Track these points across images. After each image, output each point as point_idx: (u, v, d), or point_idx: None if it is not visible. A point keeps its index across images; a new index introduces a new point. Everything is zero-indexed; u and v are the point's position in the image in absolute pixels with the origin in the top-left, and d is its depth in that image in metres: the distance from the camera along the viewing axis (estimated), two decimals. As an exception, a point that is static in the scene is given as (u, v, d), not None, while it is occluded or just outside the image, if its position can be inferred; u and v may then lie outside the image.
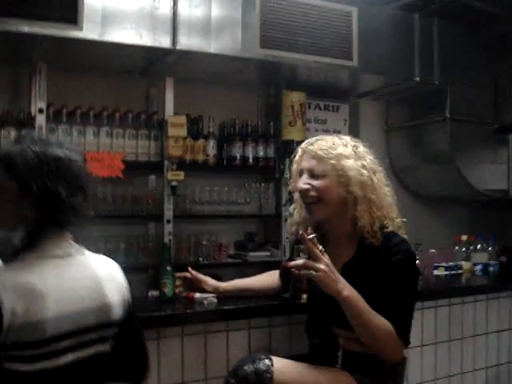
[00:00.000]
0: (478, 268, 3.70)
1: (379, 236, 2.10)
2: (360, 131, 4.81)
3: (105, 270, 1.69)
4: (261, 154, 4.25)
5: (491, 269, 3.73)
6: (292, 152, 4.07)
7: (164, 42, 3.43)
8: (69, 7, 3.20)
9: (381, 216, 2.11)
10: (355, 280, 2.01)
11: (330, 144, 2.18)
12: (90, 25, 3.25)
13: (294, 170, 2.30)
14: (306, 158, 2.20)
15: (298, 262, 1.97)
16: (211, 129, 4.17)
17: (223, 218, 4.30)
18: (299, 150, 2.27)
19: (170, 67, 3.80)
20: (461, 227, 4.56)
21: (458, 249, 3.81)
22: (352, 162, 2.12)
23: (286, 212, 4.28)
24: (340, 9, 3.93)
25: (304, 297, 2.10)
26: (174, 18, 3.46)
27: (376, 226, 2.10)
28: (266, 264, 4.19)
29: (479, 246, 3.83)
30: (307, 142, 2.28)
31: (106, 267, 1.71)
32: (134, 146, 3.88)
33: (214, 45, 3.57)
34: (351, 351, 2.07)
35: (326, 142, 2.19)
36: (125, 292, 1.70)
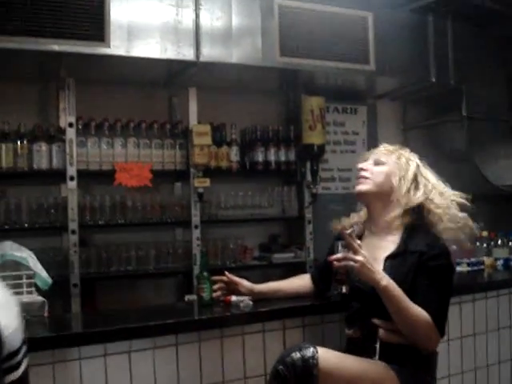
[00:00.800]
0: (500, 263, 3.76)
1: (420, 229, 2.26)
2: (378, 132, 4.92)
3: None
4: (282, 158, 4.37)
5: (512, 263, 3.80)
6: (313, 155, 4.25)
7: (188, 55, 3.56)
8: (96, 25, 3.34)
9: (428, 214, 2.27)
10: (395, 273, 2.16)
11: (400, 148, 2.45)
12: (117, 41, 3.39)
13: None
14: (377, 152, 2.43)
15: (339, 255, 2.15)
16: (234, 135, 4.29)
17: (248, 222, 4.42)
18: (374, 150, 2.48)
19: (193, 78, 3.93)
20: (481, 223, 4.63)
21: (479, 245, 3.88)
22: (414, 164, 2.35)
23: (308, 214, 4.41)
24: (356, 15, 4.04)
25: (345, 288, 2.26)
26: (197, 30, 3.59)
27: (417, 220, 2.27)
28: (291, 265, 4.32)
29: (500, 242, 3.89)
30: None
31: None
32: (160, 155, 4.01)
33: (235, 54, 3.69)
34: (389, 343, 2.18)
35: (396, 146, 2.46)
36: None
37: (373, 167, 2.37)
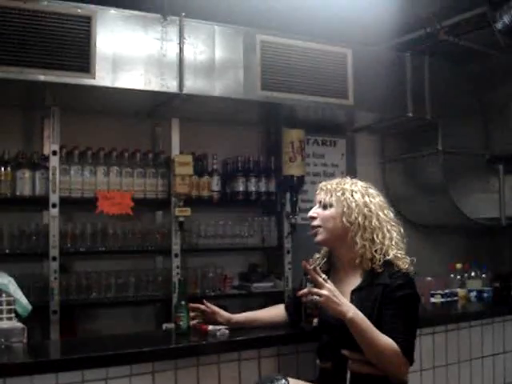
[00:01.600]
0: (473, 295, 3.85)
1: (381, 263, 2.30)
2: (357, 164, 5.02)
3: None
4: (263, 188, 4.45)
5: (485, 295, 3.87)
6: (292, 186, 4.33)
7: (171, 87, 3.64)
8: (82, 56, 3.41)
9: (383, 244, 2.32)
10: (362, 305, 2.21)
11: (340, 181, 2.46)
12: (102, 72, 3.46)
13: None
14: (319, 192, 2.47)
15: (305, 290, 2.20)
16: (215, 166, 4.37)
17: (228, 251, 4.47)
18: (318, 188, 2.50)
19: (176, 109, 4.00)
20: (456, 255, 4.74)
21: (454, 276, 3.96)
22: (358, 196, 2.37)
23: (287, 244, 4.47)
24: (335, 51, 4.16)
25: (315, 321, 2.36)
26: (181, 63, 3.67)
27: (378, 253, 2.31)
28: (270, 294, 4.37)
29: (473, 274, 3.99)
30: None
31: None
32: (142, 183, 4.08)
33: (217, 87, 3.78)
34: (359, 373, 2.23)
35: (338, 180, 2.48)
36: None
37: (321, 212, 2.41)
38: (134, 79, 3.55)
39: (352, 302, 2.25)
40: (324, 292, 2.14)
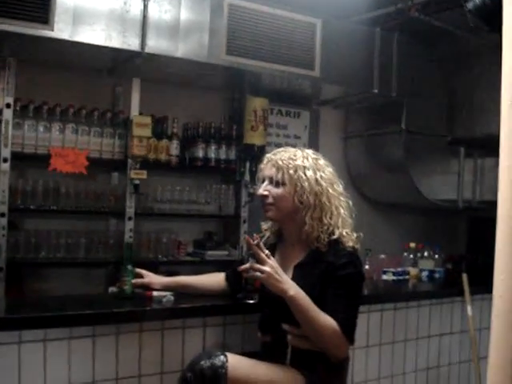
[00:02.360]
0: (425, 274, 3.87)
1: (326, 242, 2.26)
2: (320, 138, 4.98)
3: None
4: (223, 156, 4.38)
5: (437, 275, 3.90)
6: (253, 156, 4.27)
7: (133, 44, 3.53)
8: (41, 6, 3.27)
9: (330, 225, 2.28)
10: (304, 281, 2.17)
11: (291, 155, 2.34)
12: (61, 24, 3.33)
13: (258, 176, 2.45)
14: (269, 166, 2.36)
15: (246, 265, 2.15)
16: (175, 130, 4.28)
17: (183, 217, 4.41)
18: (264, 158, 2.41)
19: (138, 68, 3.88)
20: (411, 234, 4.76)
21: (407, 255, 3.98)
22: (310, 173, 2.29)
23: (244, 213, 4.43)
24: (305, 20, 4.08)
25: (255, 296, 2.36)
26: (144, 21, 3.56)
27: (324, 233, 2.27)
28: (224, 263, 4.32)
29: (426, 254, 4.00)
30: (272, 152, 2.43)
31: None
32: (98, 143, 3.96)
33: (181, 49, 3.68)
34: (299, 349, 2.21)
35: (289, 154, 2.35)
36: None
37: (273, 190, 2.31)
38: (94, 34, 3.43)
39: (294, 277, 2.22)
40: (266, 268, 2.10)
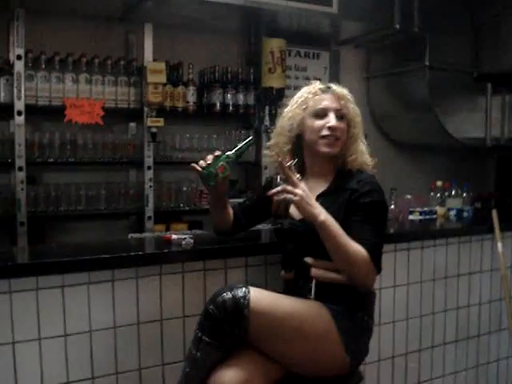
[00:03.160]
0: (452, 213, 3.76)
1: (350, 170, 2.23)
2: (340, 79, 4.83)
3: None
4: (241, 101, 4.28)
5: (465, 214, 3.79)
6: (272, 99, 4.16)
7: (143, -14, 3.42)
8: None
9: (356, 154, 2.24)
10: (328, 210, 2.10)
11: (341, 86, 2.28)
12: (69, -32, 3.23)
13: (312, 106, 2.25)
14: (334, 98, 2.24)
15: (278, 188, 2.07)
16: (191, 76, 4.17)
17: (204, 165, 4.33)
18: (316, 89, 2.27)
19: (150, 12, 3.79)
20: (437, 175, 4.63)
21: (433, 195, 3.86)
22: (355, 106, 2.26)
23: (265, 159, 4.34)
24: (322, -47, 3.92)
25: (286, 223, 2.24)
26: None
27: (350, 163, 2.23)
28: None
29: (454, 192, 3.88)
30: (322, 83, 2.31)
31: None
32: (113, 92, 3.89)
33: (194, -11, 3.56)
34: (324, 282, 2.15)
35: (340, 85, 2.29)
36: None
37: (339, 124, 2.21)
38: (102, -24, 3.32)
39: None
40: (298, 191, 2.03)
